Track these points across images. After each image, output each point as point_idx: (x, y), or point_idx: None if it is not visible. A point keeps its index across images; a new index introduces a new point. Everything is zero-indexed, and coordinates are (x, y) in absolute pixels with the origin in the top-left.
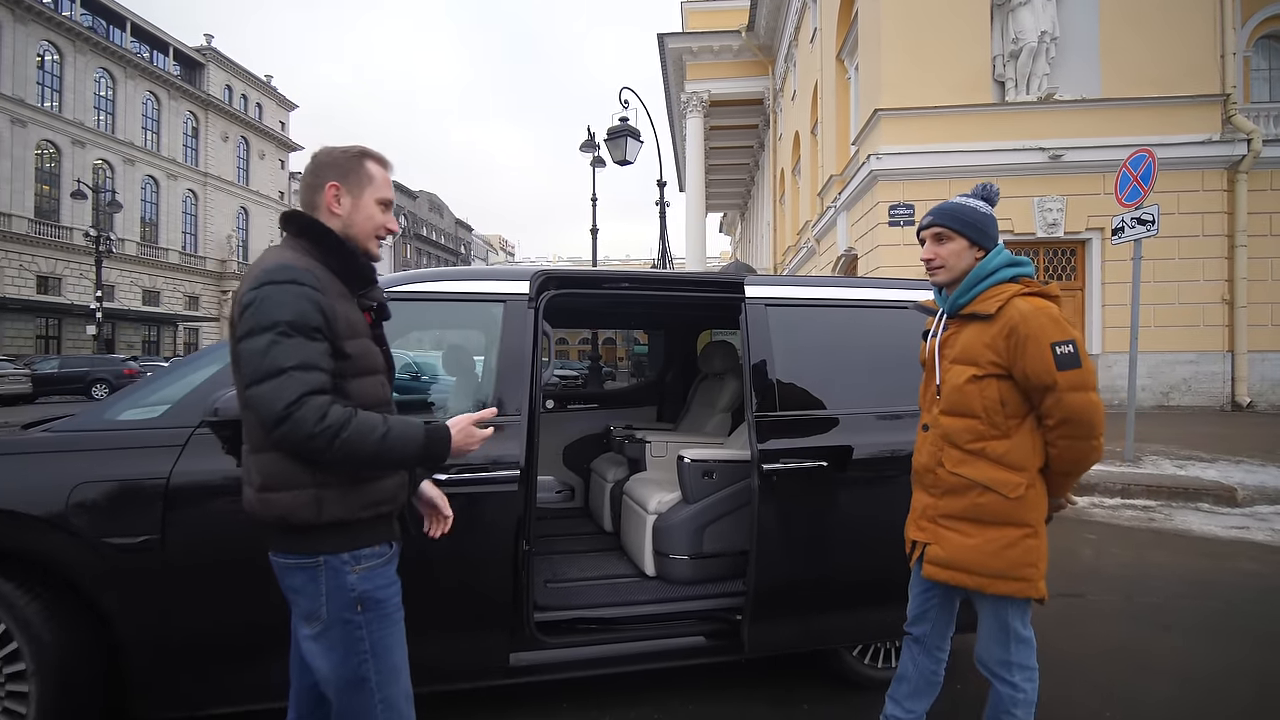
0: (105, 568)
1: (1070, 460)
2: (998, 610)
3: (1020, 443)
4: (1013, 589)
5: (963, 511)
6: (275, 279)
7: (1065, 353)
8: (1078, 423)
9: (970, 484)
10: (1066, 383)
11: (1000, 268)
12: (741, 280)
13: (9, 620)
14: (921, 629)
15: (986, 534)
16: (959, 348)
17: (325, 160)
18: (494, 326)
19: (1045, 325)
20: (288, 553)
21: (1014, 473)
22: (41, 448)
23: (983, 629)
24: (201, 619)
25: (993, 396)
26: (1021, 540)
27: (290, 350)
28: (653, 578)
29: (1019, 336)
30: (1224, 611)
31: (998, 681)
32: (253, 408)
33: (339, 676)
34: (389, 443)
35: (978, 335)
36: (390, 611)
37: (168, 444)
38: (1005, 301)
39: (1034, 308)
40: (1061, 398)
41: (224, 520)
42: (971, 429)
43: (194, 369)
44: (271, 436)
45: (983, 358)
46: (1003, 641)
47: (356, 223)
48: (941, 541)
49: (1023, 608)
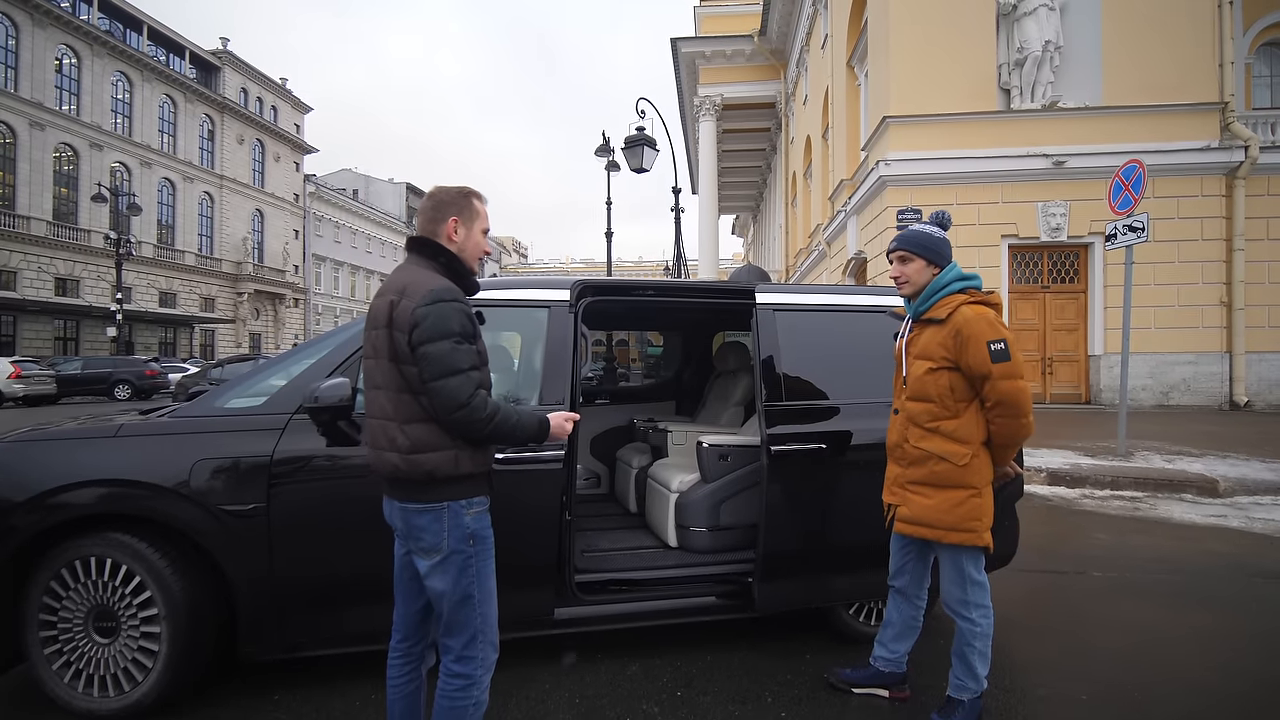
0: (221, 530)
1: (1006, 434)
2: (954, 558)
3: (966, 421)
4: (963, 539)
5: (923, 478)
6: (444, 298)
7: (998, 349)
8: (1009, 404)
9: (929, 455)
10: (999, 373)
11: (951, 282)
12: (753, 288)
13: (144, 572)
14: (901, 580)
15: (941, 495)
16: (920, 346)
17: (444, 198)
18: (540, 329)
19: (983, 328)
20: (420, 501)
21: (962, 445)
22: (168, 430)
23: (944, 575)
24: (298, 574)
25: (944, 384)
26: (969, 499)
27: (465, 355)
28: (675, 548)
29: (963, 337)
30: (1184, 583)
31: (959, 619)
32: (436, 396)
33: (452, 594)
34: (518, 427)
35: (933, 335)
36: (489, 547)
37: (270, 427)
38: (954, 309)
39: (976, 314)
40: (995, 384)
41: (317, 490)
42: (929, 411)
43: (284, 368)
44: (450, 417)
45: (936, 353)
46: (960, 584)
47: (468, 248)
48: (908, 503)
49: (975, 555)
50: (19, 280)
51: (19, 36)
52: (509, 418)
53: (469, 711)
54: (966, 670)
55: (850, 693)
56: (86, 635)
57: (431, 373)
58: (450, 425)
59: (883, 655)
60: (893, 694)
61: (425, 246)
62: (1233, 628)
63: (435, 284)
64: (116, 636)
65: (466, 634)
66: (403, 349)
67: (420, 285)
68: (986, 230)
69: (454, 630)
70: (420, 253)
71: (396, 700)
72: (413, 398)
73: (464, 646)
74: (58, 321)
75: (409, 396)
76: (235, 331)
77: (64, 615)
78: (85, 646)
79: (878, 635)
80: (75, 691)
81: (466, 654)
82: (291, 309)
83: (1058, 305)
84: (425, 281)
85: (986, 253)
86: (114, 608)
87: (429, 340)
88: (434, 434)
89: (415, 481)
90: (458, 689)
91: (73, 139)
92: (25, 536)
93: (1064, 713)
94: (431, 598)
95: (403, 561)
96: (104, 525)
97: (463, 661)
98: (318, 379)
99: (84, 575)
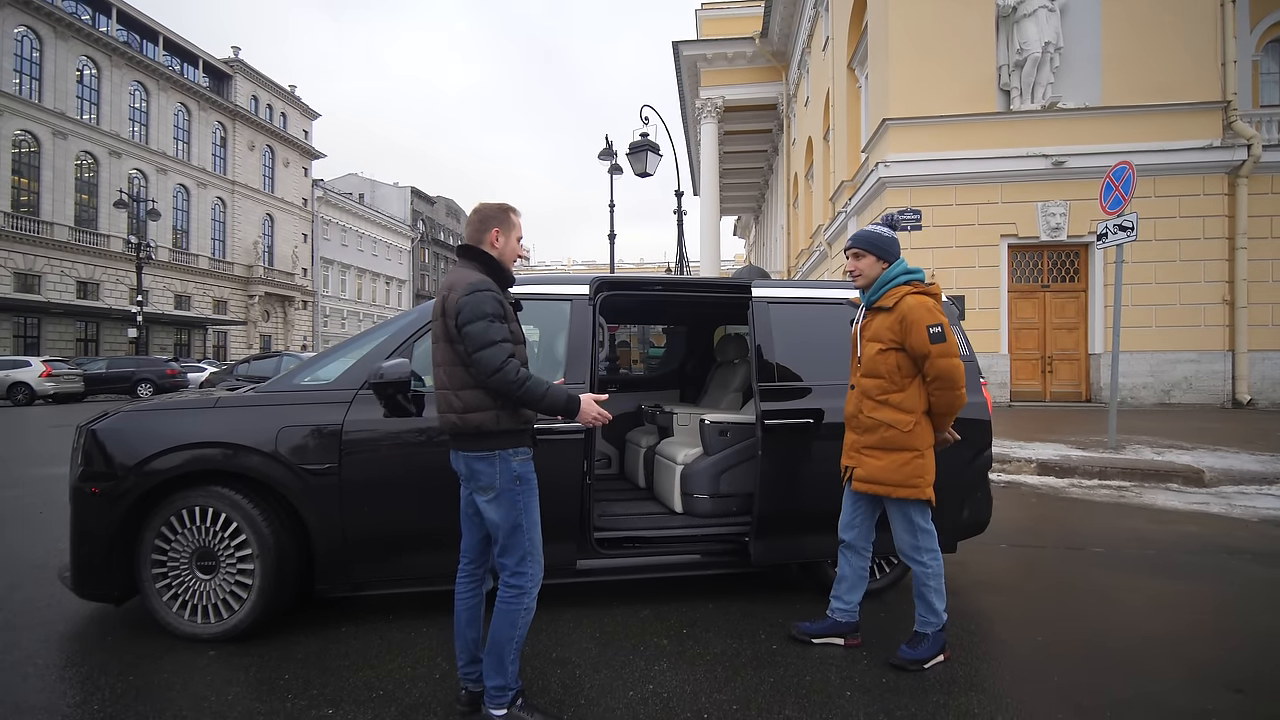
0: (302, 486)
1: (943, 404)
2: (903, 510)
3: (910, 394)
4: (909, 493)
5: (875, 443)
6: (479, 289)
7: (935, 332)
8: (945, 379)
9: (880, 423)
10: (937, 352)
11: (897, 275)
12: (749, 283)
13: (241, 519)
14: (851, 534)
15: (890, 457)
16: (871, 330)
17: (488, 213)
18: (564, 319)
19: (923, 314)
20: (477, 450)
21: (907, 415)
22: (257, 403)
23: (895, 528)
24: (363, 525)
25: (892, 363)
26: (913, 460)
27: (497, 330)
28: (680, 513)
29: (907, 322)
30: (1154, 557)
31: (913, 564)
32: (477, 365)
33: (505, 524)
34: (547, 395)
35: (883, 321)
36: (533, 486)
37: (340, 400)
38: (900, 298)
39: (918, 302)
40: (934, 362)
41: (379, 453)
42: (879, 385)
43: (347, 352)
44: (488, 381)
45: (885, 336)
46: (910, 532)
47: (506, 254)
48: (862, 464)
49: (921, 507)
50: (43, 284)
51: (43, 49)
52: (539, 385)
53: (520, 615)
54: (927, 607)
55: (810, 643)
56: (190, 572)
57: (472, 346)
58: (489, 387)
59: (839, 607)
60: (847, 642)
61: (470, 252)
62: (1190, 591)
63: (473, 278)
64: (216, 573)
65: (518, 554)
66: (452, 330)
67: (463, 280)
68: (986, 230)
69: (508, 551)
70: (467, 257)
71: (463, 611)
72: (463, 369)
73: (517, 564)
74: (79, 323)
75: (460, 369)
76: (246, 333)
77: (172, 555)
78: (190, 581)
79: (832, 590)
80: (181, 619)
81: (519, 569)
82: (300, 311)
83: (1058, 304)
84: (466, 277)
85: (986, 252)
86: (214, 549)
87: (469, 321)
88: (480, 397)
89: (469, 435)
90: (512, 596)
91: (93, 147)
92: (144, 489)
93: (1021, 650)
94: (489, 527)
95: (466, 500)
96: (206, 480)
97: (516, 576)
98: (378, 361)
99: (189, 522)
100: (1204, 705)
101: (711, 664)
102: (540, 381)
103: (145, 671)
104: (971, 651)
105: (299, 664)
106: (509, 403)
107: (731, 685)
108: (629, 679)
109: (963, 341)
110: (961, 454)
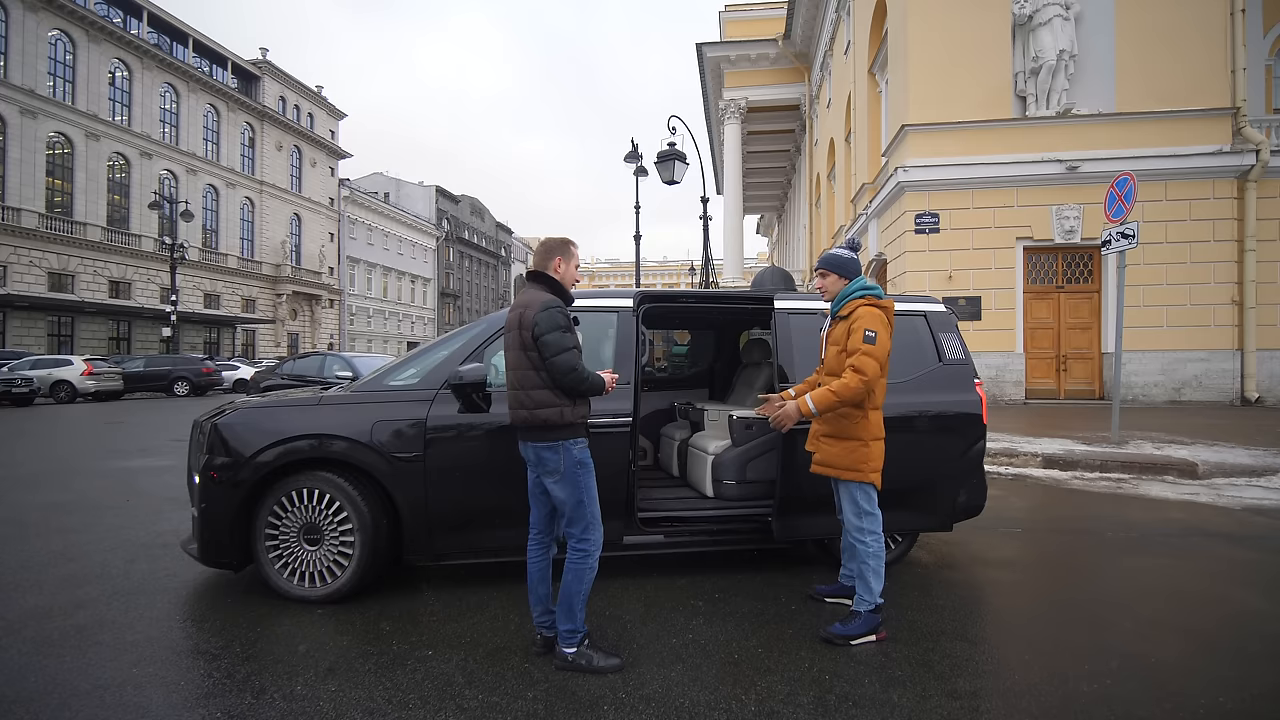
0: (393, 471)
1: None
2: (849, 491)
3: None
4: (855, 476)
5: (830, 431)
6: (551, 306)
7: (870, 335)
8: (856, 367)
9: (835, 415)
10: (864, 349)
11: (855, 290)
12: (772, 296)
13: (343, 499)
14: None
15: (841, 444)
16: (833, 335)
17: (552, 245)
18: (611, 329)
19: (868, 320)
20: (545, 440)
21: (857, 409)
22: (354, 401)
23: (844, 507)
24: (444, 504)
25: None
26: (859, 448)
27: (569, 339)
28: (711, 498)
29: (854, 325)
30: (1135, 538)
31: (856, 542)
32: (554, 369)
33: (570, 500)
34: (595, 383)
35: (841, 328)
36: (590, 468)
37: (424, 399)
38: (855, 308)
39: (867, 310)
40: (859, 356)
41: (458, 444)
42: None
43: (427, 357)
44: (565, 380)
45: (842, 340)
46: (856, 513)
47: (567, 277)
48: (820, 450)
49: (866, 490)
50: (76, 283)
51: (76, 52)
52: (591, 376)
53: (586, 573)
54: (865, 586)
55: (824, 602)
56: (299, 544)
57: (549, 352)
58: (563, 385)
59: (845, 573)
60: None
61: (538, 276)
62: (1162, 566)
63: (545, 298)
64: (321, 545)
65: (582, 524)
66: (528, 341)
67: (537, 300)
68: (1002, 233)
69: (575, 522)
70: (535, 280)
71: (534, 572)
72: (534, 373)
73: (582, 531)
74: (111, 322)
75: (531, 373)
76: (275, 331)
77: (283, 530)
78: (298, 551)
79: (842, 559)
80: (291, 584)
81: (584, 536)
82: (327, 309)
83: (1072, 304)
84: (539, 297)
85: (1002, 254)
86: (319, 524)
87: (546, 333)
88: (548, 396)
89: (538, 428)
90: (580, 557)
91: (125, 148)
92: (262, 473)
93: (1002, 611)
94: (556, 504)
95: (534, 482)
96: (313, 466)
97: (582, 541)
98: (455, 365)
99: (298, 502)
100: (1150, 651)
101: (740, 620)
102: (592, 376)
103: (268, 625)
104: (960, 611)
105: (395, 619)
106: (572, 399)
107: (757, 635)
108: (672, 630)
109: (960, 346)
110: (956, 445)
